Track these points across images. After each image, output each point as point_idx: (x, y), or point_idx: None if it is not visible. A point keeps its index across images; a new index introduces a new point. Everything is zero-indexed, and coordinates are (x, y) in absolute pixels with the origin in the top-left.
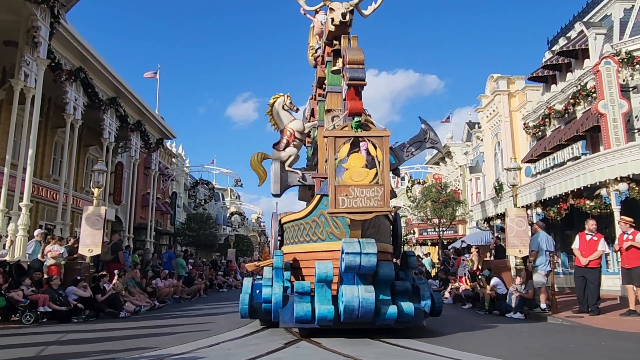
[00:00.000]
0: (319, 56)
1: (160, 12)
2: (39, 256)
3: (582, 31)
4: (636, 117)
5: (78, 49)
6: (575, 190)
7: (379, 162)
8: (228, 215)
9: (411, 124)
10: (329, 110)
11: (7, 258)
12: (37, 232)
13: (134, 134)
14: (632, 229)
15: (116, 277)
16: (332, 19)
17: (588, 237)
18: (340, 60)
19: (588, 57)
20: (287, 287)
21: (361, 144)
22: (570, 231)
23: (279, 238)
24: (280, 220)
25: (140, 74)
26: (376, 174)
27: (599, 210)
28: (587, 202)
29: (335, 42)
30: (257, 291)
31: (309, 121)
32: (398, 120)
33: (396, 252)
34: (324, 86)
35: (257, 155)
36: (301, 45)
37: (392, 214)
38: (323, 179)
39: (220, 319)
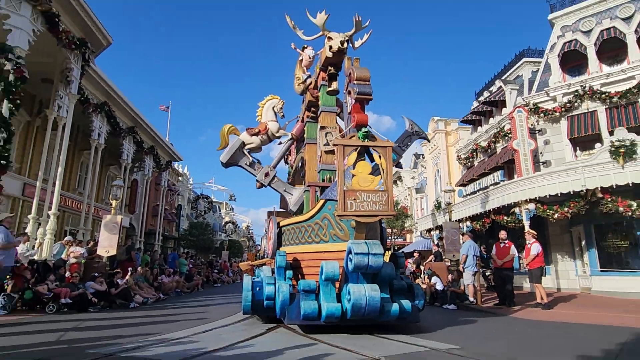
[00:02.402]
0: (310, 83)
1: (172, 61)
2: (63, 256)
3: (500, 87)
4: (541, 153)
5: (103, 87)
6: (495, 208)
7: (383, 170)
8: (223, 223)
9: None
10: (322, 127)
11: (36, 257)
12: (66, 238)
13: (147, 156)
14: (534, 240)
15: (129, 274)
16: (331, 47)
17: (502, 245)
18: (335, 84)
19: (505, 107)
20: (289, 285)
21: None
22: (492, 240)
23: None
24: (279, 223)
25: (154, 107)
26: (381, 180)
27: (513, 224)
28: (505, 217)
29: (330, 67)
30: (258, 289)
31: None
32: None
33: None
34: (312, 109)
35: (229, 127)
36: (286, 80)
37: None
38: (317, 187)
39: (214, 309)
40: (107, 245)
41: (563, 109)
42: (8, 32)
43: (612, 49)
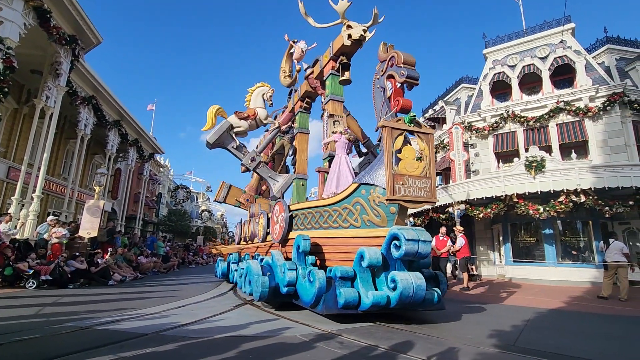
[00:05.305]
0: (310, 72)
1: (157, 59)
2: (46, 236)
3: (442, 106)
4: (472, 163)
5: (92, 81)
6: (433, 207)
7: (426, 157)
8: (199, 211)
9: None
10: (331, 115)
11: (17, 236)
12: (50, 218)
13: (131, 148)
14: (461, 234)
15: (109, 254)
16: (349, 35)
17: (441, 238)
18: (347, 73)
19: (445, 123)
20: (310, 271)
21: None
22: (431, 233)
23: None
24: (289, 207)
25: (140, 101)
26: (425, 166)
27: (447, 221)
28: (441, 215)
29: (342, 57)
30: (268, 274)
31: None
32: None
33: None
34: (307, 100)
35: (217, 109)
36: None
37: None
38: (326, 172)
39: (187, 288)
40: (89, 227)
41: (491, 128)
42: None
43: (531, 81)
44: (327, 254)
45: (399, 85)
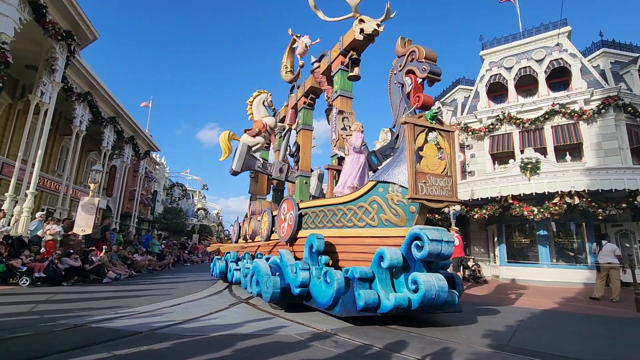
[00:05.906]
0: (316, 67)
1: (154, 58)
2: (39, 233)
3: (439, 107)
4: (468, 164)
5: (87, 78)
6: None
7: (447, 155)
8: (195, 210)
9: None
10: (340, 112)
11: (11, 233)
12: (38, 214)
13: (127, 145)
14: (457, 234)
15: (103, 251)
16: (362, 29)
17: None
18: (357, 69)
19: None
20: (327, 271)
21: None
22: None
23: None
24: (298, 205)
25: (136, 99)
26: (446, 165)
27: (442, 222)
28: (436, 215)
29: (352, 52)
30: (277, 274)
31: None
32: (320, 152)
33: None
34: (311, 96)
35: (228, 134)
36: (259, 80)
37: None
38: (335, 170)
39: (182, 286)
40: (84, 224)
41: (487, 129)
42: None
43: (527, 84)
44: (341, 253)
45: (419, 81)
